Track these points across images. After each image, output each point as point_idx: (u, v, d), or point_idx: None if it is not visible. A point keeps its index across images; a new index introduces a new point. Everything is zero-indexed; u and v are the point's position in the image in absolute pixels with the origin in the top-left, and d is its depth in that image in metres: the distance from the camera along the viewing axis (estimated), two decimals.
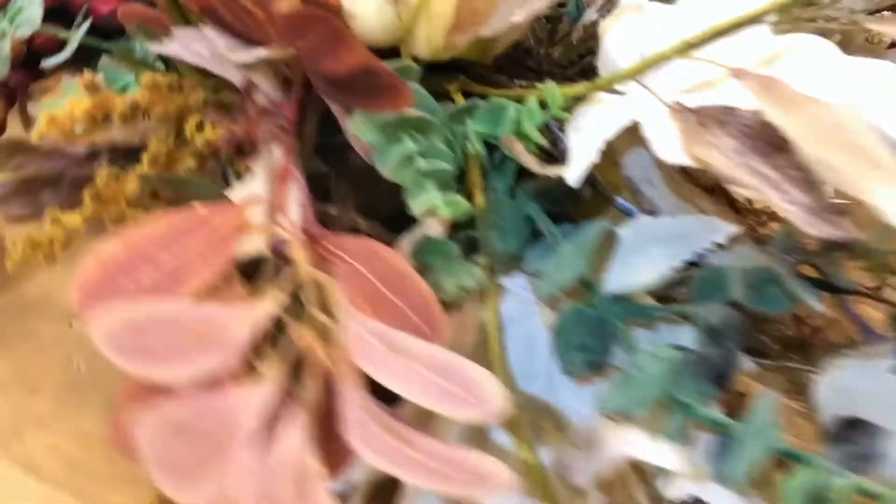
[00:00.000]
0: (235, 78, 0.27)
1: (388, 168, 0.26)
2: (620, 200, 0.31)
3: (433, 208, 0.25)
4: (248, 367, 0.21)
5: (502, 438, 0.27)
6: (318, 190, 0.27)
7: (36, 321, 0.35)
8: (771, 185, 0.23)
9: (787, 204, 0.23)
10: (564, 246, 0.28)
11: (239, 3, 0.24)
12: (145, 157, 0.28)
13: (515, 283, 0.31)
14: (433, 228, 0.29)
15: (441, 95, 0.31)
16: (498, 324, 0.29)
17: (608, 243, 0.29)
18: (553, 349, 0.28)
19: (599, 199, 0.32)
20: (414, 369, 0.22)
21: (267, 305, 0.22)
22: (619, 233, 0.29)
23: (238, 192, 0.25)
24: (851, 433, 0.23)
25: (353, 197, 0.29)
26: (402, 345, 0.22)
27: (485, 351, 0.29)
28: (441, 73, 0.33)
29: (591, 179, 0.32)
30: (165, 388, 0.20)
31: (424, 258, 0.29)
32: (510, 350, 0.29)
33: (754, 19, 0.25)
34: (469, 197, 0.28)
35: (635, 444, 0.25)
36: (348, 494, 0.27)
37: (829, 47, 0.26)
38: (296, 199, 0.25)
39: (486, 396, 0.21)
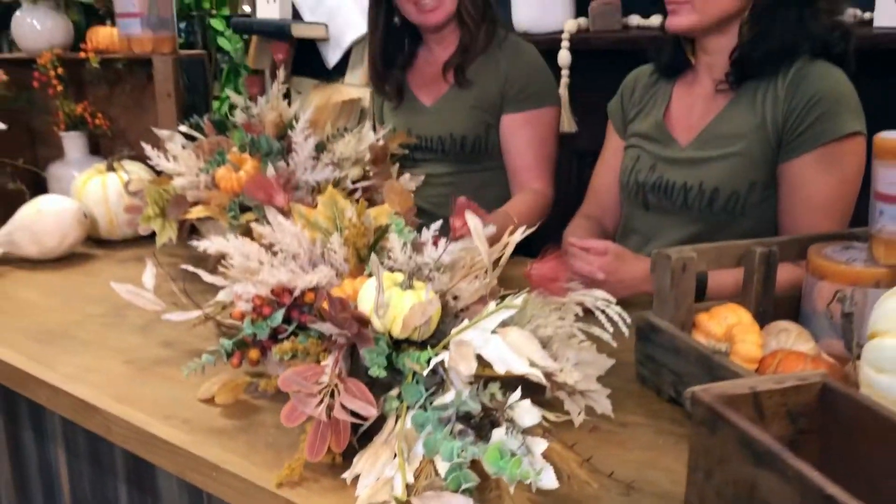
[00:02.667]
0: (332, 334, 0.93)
1: (368, 360, 0.89)
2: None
3: (378, 374, 0.88)
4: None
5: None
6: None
7: None
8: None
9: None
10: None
11: (336, 315, 0.91)
12: None
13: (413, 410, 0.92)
14: (390, 398, 0.92)
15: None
16: (402, 426, 0.90)
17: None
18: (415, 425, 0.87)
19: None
20: None
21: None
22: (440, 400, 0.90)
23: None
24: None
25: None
26: None
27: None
28: (407, 343, 0.97)
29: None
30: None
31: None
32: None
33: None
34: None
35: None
36: None
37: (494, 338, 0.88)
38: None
39: None
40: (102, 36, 1.95)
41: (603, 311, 0.89)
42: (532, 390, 0.95)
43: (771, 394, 0.76)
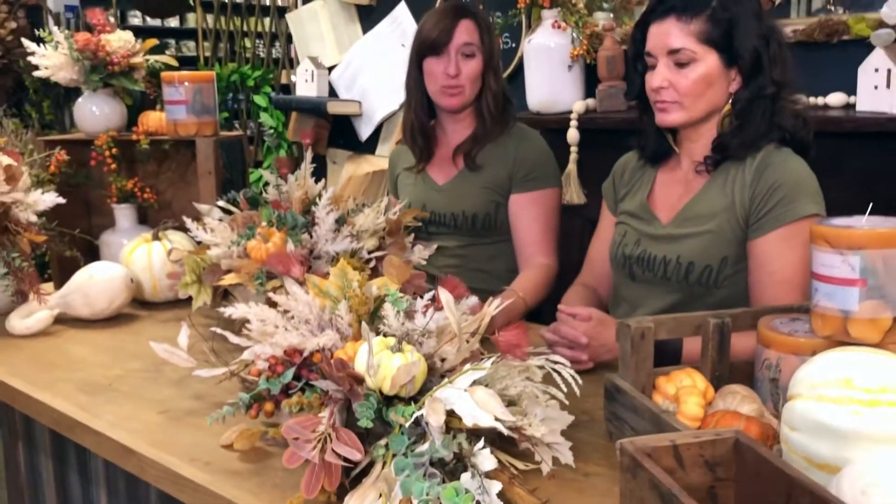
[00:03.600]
0: (335, 391, 1.09)
1: (358, 413, 1.05)
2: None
3: (366, 424, 1.03)
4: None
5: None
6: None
7: None
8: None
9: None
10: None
11: (333, 373, 1.07)
12: None
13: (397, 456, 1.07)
14: (378, 446, 1.08)
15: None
16: (388, 474, 1.05)
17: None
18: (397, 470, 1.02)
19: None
20: None
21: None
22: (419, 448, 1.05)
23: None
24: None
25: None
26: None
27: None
28: (397, 399, 1.12)
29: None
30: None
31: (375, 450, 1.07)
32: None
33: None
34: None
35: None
36: None
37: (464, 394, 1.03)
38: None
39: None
40: (152, 120, 2.18)
41: (559, 373, 1.03)
42: (508, 443, 1.10)
43: (689, 446, 0.90)
